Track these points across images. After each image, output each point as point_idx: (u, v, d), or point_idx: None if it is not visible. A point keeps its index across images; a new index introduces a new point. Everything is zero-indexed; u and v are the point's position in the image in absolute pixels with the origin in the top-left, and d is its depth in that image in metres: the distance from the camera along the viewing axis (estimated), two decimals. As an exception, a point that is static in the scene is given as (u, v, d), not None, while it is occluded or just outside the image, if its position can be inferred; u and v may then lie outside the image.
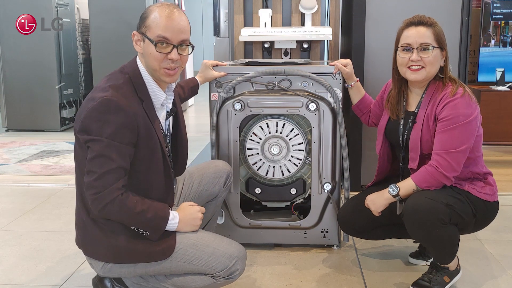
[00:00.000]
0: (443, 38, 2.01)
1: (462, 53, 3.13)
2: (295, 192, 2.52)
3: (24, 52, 5.64)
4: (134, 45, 1.75)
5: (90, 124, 1.60)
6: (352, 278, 2.25)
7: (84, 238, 1.78)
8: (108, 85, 1.65)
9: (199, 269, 1.77)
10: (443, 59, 2.02)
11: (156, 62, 1.71)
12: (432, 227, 1.89)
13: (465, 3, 3.12)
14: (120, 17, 5.55)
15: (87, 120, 1.60)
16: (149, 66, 1.73)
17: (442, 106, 1.95)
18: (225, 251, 1.78)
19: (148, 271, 1.78)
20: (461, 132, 1.92)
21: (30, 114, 5.76)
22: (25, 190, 3.60)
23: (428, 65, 1.98)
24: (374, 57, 3.17)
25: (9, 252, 2.54)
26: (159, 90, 1.78)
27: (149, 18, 1.70)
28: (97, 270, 1.81)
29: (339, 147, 2.41)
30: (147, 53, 1.72)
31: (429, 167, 1.95)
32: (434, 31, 1.99)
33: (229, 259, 1.77)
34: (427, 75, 2.01)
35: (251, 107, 2.37)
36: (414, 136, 2.05)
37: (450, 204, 1.91)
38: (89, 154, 1.61)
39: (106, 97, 1.60)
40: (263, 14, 2.98)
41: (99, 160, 1.59)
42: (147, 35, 1.69)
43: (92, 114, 1.60)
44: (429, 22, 2.01)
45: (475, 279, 2.22)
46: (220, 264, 1.76)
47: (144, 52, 1.73)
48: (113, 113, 1.59)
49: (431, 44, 1.98)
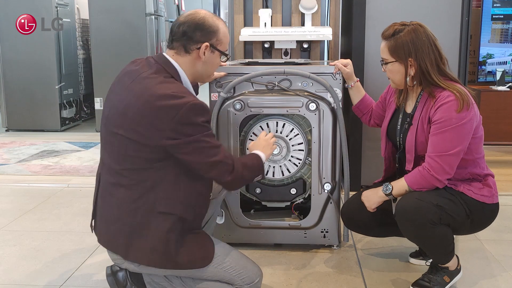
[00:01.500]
0: (403, 50, 1.98)
1: (462, 53, 3.13)
2: (295, 192, 2.52)
3: (24, 52, 5.63)
4: (199, 52, 1.81)
5: (184, 129, 1.66)
6: (352, 278, 2.25)
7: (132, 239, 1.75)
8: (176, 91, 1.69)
9: (231, 278, 1.84)
10: (413, 69, 1.99)
11: (214, 69, 1.96)
12: (421, 228, 1.90)
13: (465, 3, 3.12)
14: (120, 17, 5.54)
15: (179, 127, 1.65)
16: (206, 72, 1.90)
17: (435, 108, 1.95)
18: (253, 267, 1.90)
19: (180, 273, 1.82)
20: (454, 135, 1.91)
21: (30, 114, 5.76)
22: (25, 190, 3.60)
23: (390, 77, 2.08)
24: (374, 57, 3.17)
25: (9, 252, 2.54)
26: (192, 90, 1.90)
27: (220, 33, 1.85)
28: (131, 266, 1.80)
29: (339, 147, 2.41)
30: (212, 62, 1.88)
31: (422, 169, 1.95)
32: (389, 44, 2.01)
33: (256, 275, 1.89)
34: (395, 85, 2.10)
35: (251, 107, 2.37)
36: (409, 138, 2.05)
37: (440, 205, 1.90)
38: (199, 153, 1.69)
39: (192, 102, 1.67)
40: (263, 14, 2.98)
41: (213, 151, 1.72)
42: (219, 48, 1.86)
43: (184, 120, 1.65)
44: (386, 34, 2.03)
45: (475, 279, 2.22)
46: (248, 278, 1.86)
47: (207, 60, 1.85)
48: (201, 113, 1.69)
49: (386, 59, 2.04)
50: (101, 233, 1.83)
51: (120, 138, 1.71)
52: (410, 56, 1.98)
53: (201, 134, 1.68)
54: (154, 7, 5.77)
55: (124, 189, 1.74)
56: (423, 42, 1.97)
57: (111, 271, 1.88)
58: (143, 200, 1.72)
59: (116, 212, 1.76)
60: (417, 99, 2.06)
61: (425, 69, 1.97)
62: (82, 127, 6.17)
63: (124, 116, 1.69)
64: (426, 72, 1.97)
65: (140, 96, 1.68)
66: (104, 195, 1.81)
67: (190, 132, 1.66)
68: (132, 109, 1.68)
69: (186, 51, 1.81)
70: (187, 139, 1.66)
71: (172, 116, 1.64)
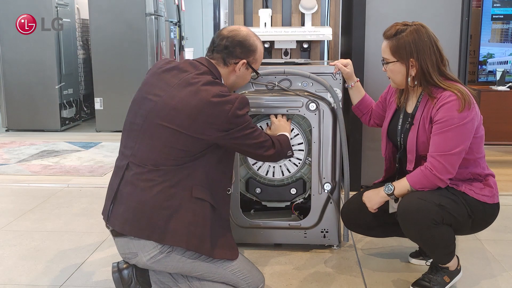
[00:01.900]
0: (405, 50, 1.98)
1: (462, 53, 3.13)
2: (295, 192, 2.52)
3: (24, 52, 5.64)
4: (236, 68, 1.99)
5: (236, 120, 1.84)
6: (352, 278, 2.25)
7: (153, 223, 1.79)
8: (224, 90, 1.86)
9: (237, 281, 1.90)
10: (414, 69, 1.99)
11: (243, 84, 2.12)
12: (424, 227, 1.90)
13: (465, 3, 3.11)
14: (120, 17, 5.55)
15: (233, 119, 1.83)
16: (237, 84, 2.08)
17: (437, 108, 1.95)
18: (257, 273, 1.98)
19: (193, 271, 1.87)
20: (456, 135, 1.91)
21: (30, 114, 5.76)
22: (25, 190, 3.60)
23: (391, 77, 2.08)
24: (374, 57, 3.17)
25: (9, 252, 2.54)
26: None
27: (257, 53, 2.03)
28: (144, 259, 1.82)
29: (339, 147, 2.41)
30: (244, 77, 2.05)
31: (424, 169, 1.95)
32: (392, 44, 2.00)
33: (259, 281, 1.96)
34: (396, 85, 2.10)
35: (251, 107, 2.37)
36: (410, 138, 2.05)
37: (442, 205, 1.91)
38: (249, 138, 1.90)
39: (240, 97, 1.86)
40: (263, 14, 2.98)
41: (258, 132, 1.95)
42: (254, 66, 2.04)
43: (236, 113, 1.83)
44: (388, 34, 2.02)
45: (475, 279, 2.22)
46: (253, 283, 1.93)
47: (241, 75, 2.02)
48: (247, 106, 1.89)
49: (387, 59, 2.04)
50: (125, 221, 1.82)
51: (171, 131, 1.81)
52: (411, 57, 1.98)
53: (248, 122, 1.89)
54: (154, 7, 5.77)
55: (161, 177, 1.81)
56: (424, 43, 1.97)
57: (118, 268, 1.89)
58: (181, 186, 1.81)
59: (151, 198, 1.80)
60: (418, 99, 2.06)
61: (426, 70, 1.97)
62: (82, 127, 6.17)
63: (177, 111, 1.80)
64: (427, 73, 1.97)
65: (195, 93, 1.81)
66: (135, 182, 1.83)
67: (240, 122, 1.85)
68: (188, 106, 1.80)
69: (224, 64, 1.98)
70: (239, 128, 1.85)
71: (227, 110, 1.81)
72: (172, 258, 1.82)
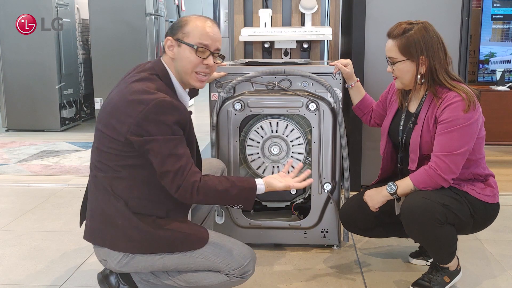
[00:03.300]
0: (413, 48, 1.97)
1: (462, 53, 3.13)
2: (295, 192, 2.52)
3: (24, 52, 5.63)
4: (166, 50, 1.82)
5: (148, 126, 1.65)
6: (352, 278, 2.25)
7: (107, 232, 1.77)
8: (150, 87, 1.70)
9: (216, 266, 1.81)
10: (423, 67, 1.99)
11: (191, 66, 1.80)
12: (428, 227, 1.90)
13: (465, 3, 3.11)
14: (120, 17, 5.55)
15: (145, 122, 1.64)
16: (182, 70, 1.81)
17: (442, 108, 1.95)
18: (240, 250, 1.85)
19: (165, 266, 1.80)
20: (461, 135, 1.91)
21: (30, 114, 5.76)
22: (25, 190, 3.60)
23: (399, 76, 2.04)
24: (374, 57, 3.17)
25: (9, 252, 2.54)
26: (185, 94, 1.87)
27: (189, 26, 1.80)
28: (112, 265, 1.80)
29: (339, 147, 2.41)
30: (183, 57, 1.79)
31: (428, 169, 1.95)
32: (399, 43, 1.99)
33: (244, 259, 1.83)
34: (403, 85, 2.06)
35: (251, 107, 2.37)
36: (414, 137, 2.05)
37: (447, 204, 1.91)
38: (155, 157, 1.66)
39: (160, 99, 1.66)
40: (263, 14, 2.98)
41: (169, 157, 1.66)
42: (185, 41, 1.79)
43: (149, 116, 1.64)
44: (396, 33, 2.00)
45: (475, 279, 2.22)
46: (235, 262, 1.81)
47: (178, 57, 1.80)
48: (170, 112, 1.66)
49: (395, 58, 2.01)
50: (87, 229, 1.84)
51: (99, 133, 1.76)
52: (422, 54, 1.97)
53: (163, 136, 1.65)
54: (154, 7, 5.77)
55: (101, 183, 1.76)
56: (433, 40, 1.97)
57: (102, 276, 1.88)
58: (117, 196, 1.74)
59: (97, 206, 1.79)
60: (422, 98, 2.06)
61: (434, 68, 1.98)
62: (82, 127, 6.17)
63: (103, 111, 1.75)
64: (434, 71, 1.98)
65: (120, 92, 1.73)
66: (89, 188, 1.85)
67: (153, 131, 1.64)
68: (110, 104, 1.72)
69: (164, 51, 1.84)
70: (148, 138, 1.65)
71: (139, 110, 1.64)
72: (138, 260, 1.78)
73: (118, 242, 1.76)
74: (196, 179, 1.69)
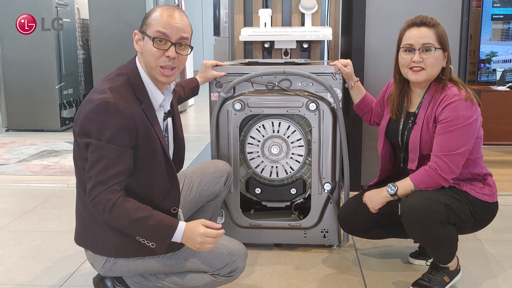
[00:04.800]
0: (446, 39, 2.00)
1: (462, 53, 3.13)
2: (295, 192, 2.52)
3: (24, 52, 5.63)
4: (134, 45, 1.76)
5: (89, 126, 1.60)
6: (352, 278, 2.25)
7: (87, 235, 1.78)
8: (106, 87, 1.66)
9: (198, 267, 1.77)
10: (445, 60, 2.01)
11: (153, 59, 1.70)
12: (430, 227, 1.90)
13: (465, 3, 3.11)
14: (120, 17, 5.54)
15: (86, 122, 1.61)
16: (147, 64, 1.73)
17: (442, 108, 1.95)
18: (225, 248, 1.78)
19: (148, 269, 1.78)
20: (461, 134, 1.92)
21: (30, 114, 5.76)
22: (25, 190, 3.60)
23: (429, 67, 1.98)
24: (374, 57, 3.17)
25: (9, 252, 2.54)
26: (157, 91, 1.77)
27: (151, 17, 1.72)
28: (98, 269, 1.81)
29: (339, 147, 2.41)
30: (146, 50, 1.72)
31: (428, 169, 1.95)
32: (436, 31, 1.99)
33: (229, 257, 1.77)
34: (428, 77, 2.00)
35: (251, 107, 2.37)
36: (413, 137, 2.05)
37: (448, 204, 1.91)
38: (89, 158, 1.61)
39: (104, 99, 1.60)
40: (263, 14, 2.98)
41: (97, 165, 1.59)
42: (147, 32, 1.70)
43: (91, 116, 1.60)
44: (432, 23, 2.00)
45: (475, 279, 2.22)
46: (219, 261, 1.76)
47: (143, 50, 1.73)
48: (111, 116, 1.60)
49: (433, 45, 1.97)
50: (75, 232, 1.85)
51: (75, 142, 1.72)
52: (448, 47, 2.01)
53: (97, 140, 1.58)
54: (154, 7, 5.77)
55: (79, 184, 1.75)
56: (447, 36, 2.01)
57: (98, 279, 1.88)
58: None
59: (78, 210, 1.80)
60: (422, 98, 2.06)
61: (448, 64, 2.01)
62: (82, 127, 6.16)
63: None
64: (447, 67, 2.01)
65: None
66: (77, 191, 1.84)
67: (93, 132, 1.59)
68: None
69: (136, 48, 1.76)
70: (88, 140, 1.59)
71: (86, 109, 1.61)
72: (121, 264, 1.76)
73: (97, 244, 1.75)
74: (111, 198, 1.57)
